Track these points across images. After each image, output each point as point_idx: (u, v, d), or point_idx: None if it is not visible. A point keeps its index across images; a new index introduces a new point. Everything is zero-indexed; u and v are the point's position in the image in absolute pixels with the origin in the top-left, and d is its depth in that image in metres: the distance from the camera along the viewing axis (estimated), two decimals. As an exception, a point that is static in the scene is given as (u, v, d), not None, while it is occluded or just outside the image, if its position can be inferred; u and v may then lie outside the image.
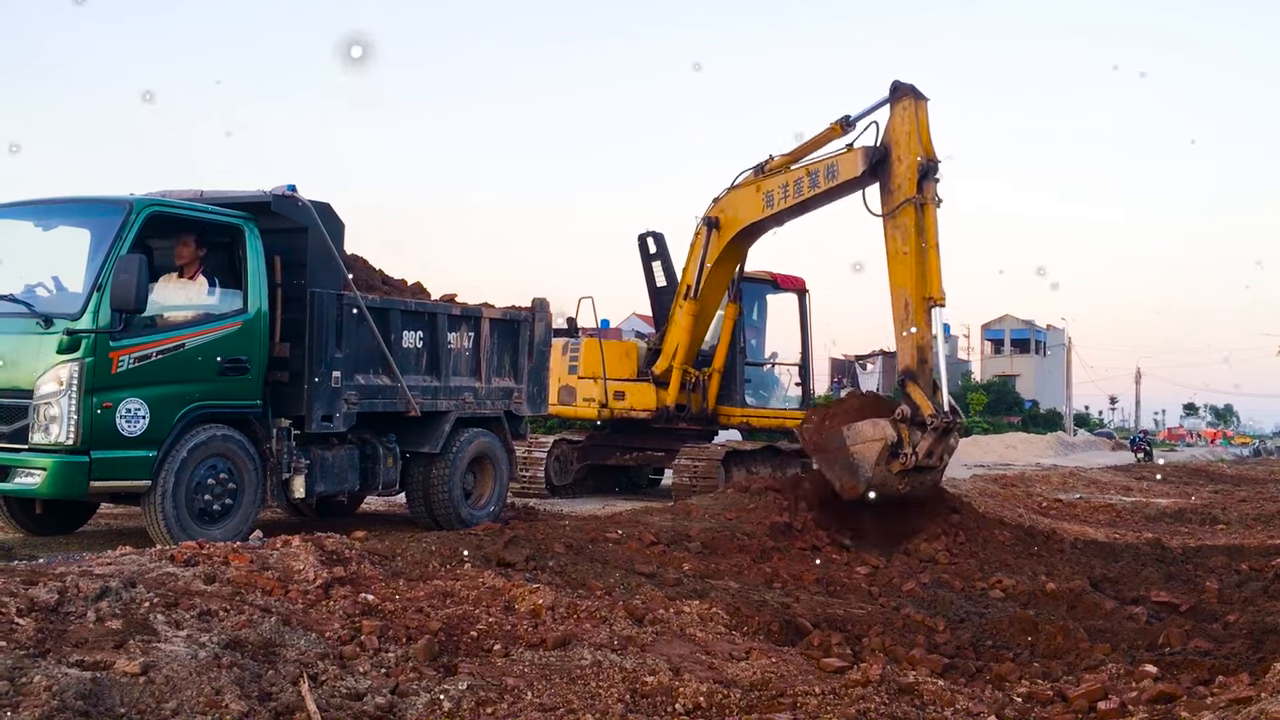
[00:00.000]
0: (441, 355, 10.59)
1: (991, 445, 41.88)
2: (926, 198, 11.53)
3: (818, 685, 5.04)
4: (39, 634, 4.50)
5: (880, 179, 12.04)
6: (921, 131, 11.65)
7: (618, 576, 7.50)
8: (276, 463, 9.07)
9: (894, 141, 11.86)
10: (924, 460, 11.11)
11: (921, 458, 11.06)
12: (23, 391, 7.94)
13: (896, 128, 11.84)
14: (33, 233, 9.02)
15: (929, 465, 11.27)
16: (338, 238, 9.59)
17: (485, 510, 11.08)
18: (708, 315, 15.58)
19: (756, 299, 16.72)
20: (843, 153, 12.48)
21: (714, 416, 15.98)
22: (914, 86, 11.81)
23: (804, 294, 16.72)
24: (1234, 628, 7.20)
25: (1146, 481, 24.68)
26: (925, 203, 11.52)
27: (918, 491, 11.47)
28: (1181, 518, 16.64)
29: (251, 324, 8.93)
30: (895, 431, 10.99)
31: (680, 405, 15.62)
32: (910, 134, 11.69)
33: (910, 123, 11.72)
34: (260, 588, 5.73)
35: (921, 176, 11.52)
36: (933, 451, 11.22)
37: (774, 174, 13.48)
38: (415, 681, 4.75)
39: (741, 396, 16.03)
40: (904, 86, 11.84)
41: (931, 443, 11.12)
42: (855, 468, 11.17)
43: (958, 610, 7.85)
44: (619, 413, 15.72)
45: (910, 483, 11.25)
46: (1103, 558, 10.72)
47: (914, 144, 11.64)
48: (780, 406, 16.68)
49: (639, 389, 15.72)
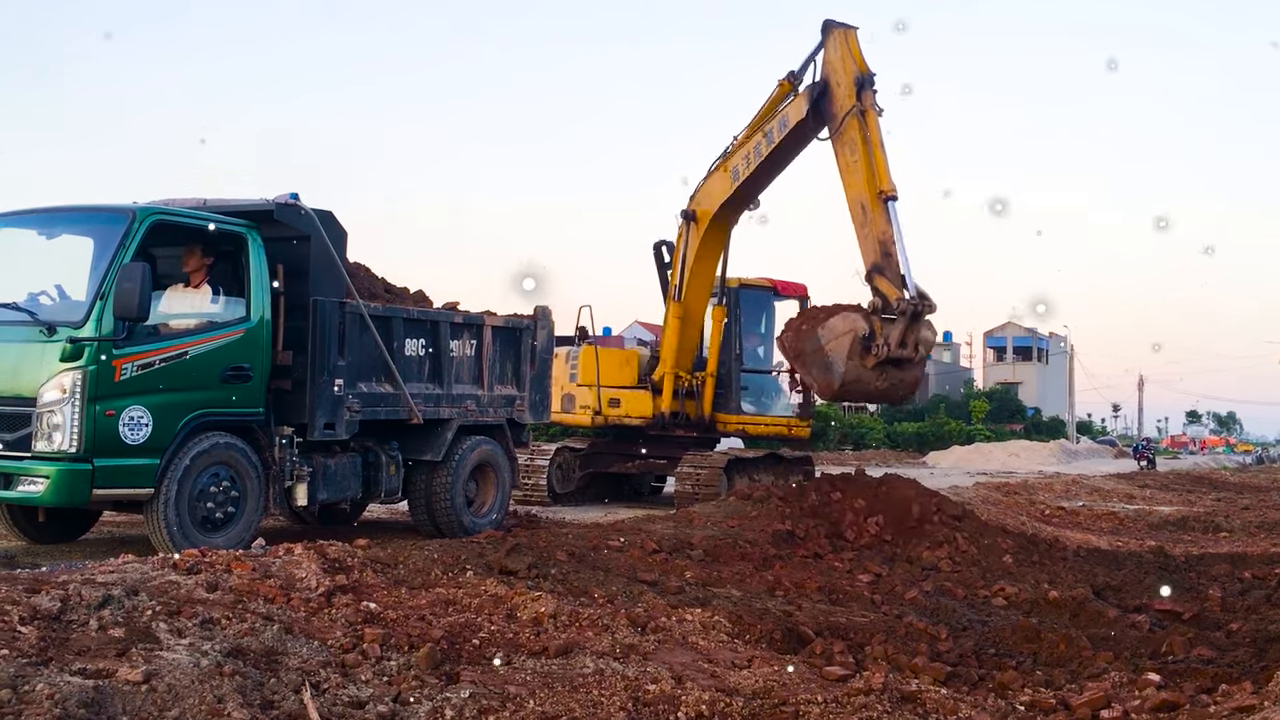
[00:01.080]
0: (444, 363, 10.60)
1: (994, 453, 41.89)
2: (866, 105, 11.95)
3: (820, 694, 5.04)
4: (42, 642, 4.50)
5: (825, 111, 12.46)
6: (854, 53, 12.23)
7: (620, 584, 7.49)
8: (279, 470, 9.07)
9: (831, 71, 12.44)
10: (897, 350, 10.98)
11: (894, 347, 10.94)
12: (26, 399, 7.95)
13: (831, 59, 12.44)
14: (36, 241, 9.04)
15: (904, 357, 11.12)
16: (340, 246, 9.60)
17: (487, 518, 11.07)
18: (694, 318, 15.62)
19: (758, 306, 16.71)
20: (790, 101, 12.98)
21: (711, 424, 15.95)
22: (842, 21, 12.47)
23: (806, 301, 16.60)
24: (1237, 636, 7.20)
25: (1149, 489, 24.66)
26: (866, 110, 11.91)
27: (897, 392, 11.30)
28: (1184, 525, 16.63)
29: (254, 332, 8.94)
30: (867, 324, 10.94)
31: (677, 413, 15.64)
32: (844, 58, 12.25)
33: (842, 48, 12.30)
34: (262, 596, 5.73)
35: (859, 89, 12.00)
36: (905, 340, 11.08)
37: (737, 149, 13.92)
38: (417, 690, 4.75)
39: (737, 403, 15.97)
40: (832, 22, 12.46)
41: (903, 329, 10.99)
42: (829, 365, 11.09)
43: (960, 618, 7.84)
44: (613, 419, 15.75)
45: (887, 379, 11.11)
46: (1105, 566, 10.71)
47: (849, 65, 12.18)
48: (779, 414, 16.59)
49: (634, 396, 15.75)
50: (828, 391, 11.23)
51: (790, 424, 16.48)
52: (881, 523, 11.16)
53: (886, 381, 11.19)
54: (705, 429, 16.00)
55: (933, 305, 11.27)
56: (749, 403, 16.26)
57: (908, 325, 11.10)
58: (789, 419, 16.47)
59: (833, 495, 11.61)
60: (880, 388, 11.21)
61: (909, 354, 11.26)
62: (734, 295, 15.95)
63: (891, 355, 11.05)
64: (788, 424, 16.44)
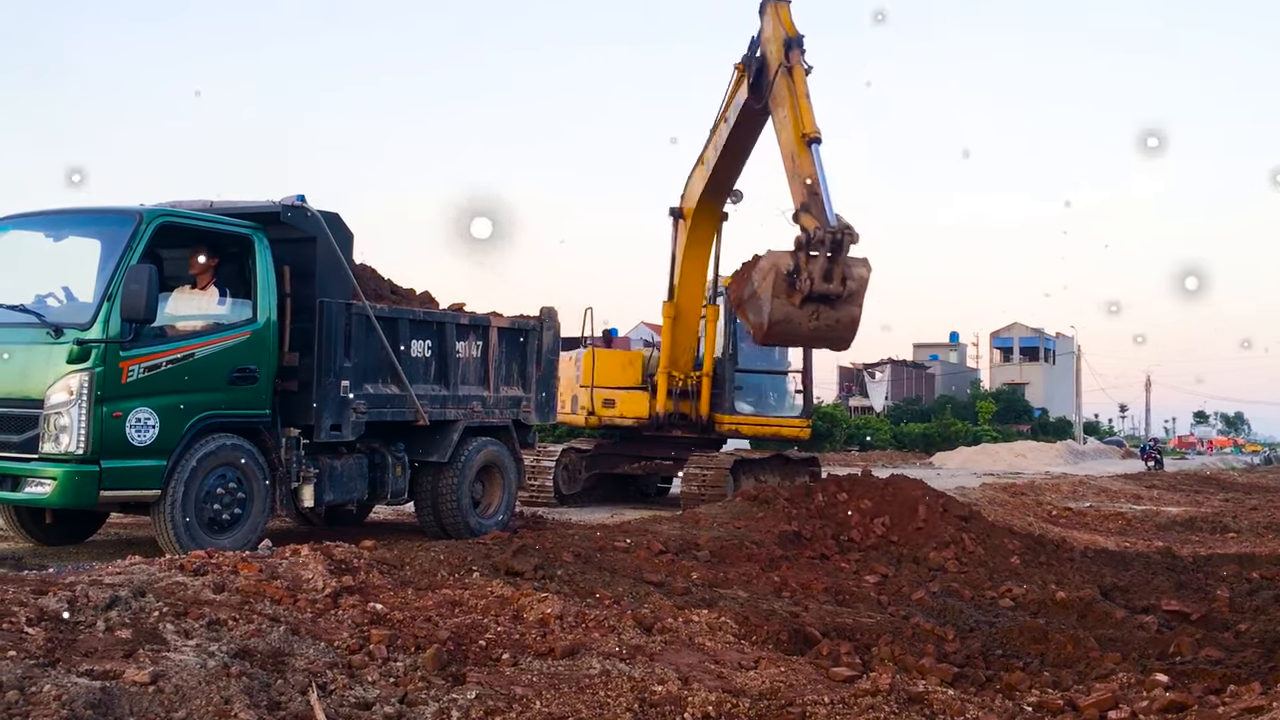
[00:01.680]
0: (450, 364, 10.61)
1: (1001, 453, 41.85)
2: (793, 62, 12.04)
3: (827, 694, 5.03)
4: (49, 643, 4.51)
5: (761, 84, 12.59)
6: (784, 22, 12.34)
7: (626, 585, 7.49)
8: (285, 472, 9.08)
9: (765, 44, 12.62)
10: (821, 284, 10.71)
11: (819, 281, 10.67)
12: (33, 401, 7.97)
13: (765, 32, 12.63)
14: (43, 243, 9.07)
15: (830, 292, 10.82)
16: (346, 247, 9.62)
17: (493, 519, 11.08)
18: (687, 317, 15.63)
19: None
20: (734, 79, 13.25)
21: (709, 424, 15.88)
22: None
23: None
24: (1245, 636, 7.17)
25: (1157, 490, 24.61)
26: (793, 66, 12.00)
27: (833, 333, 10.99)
28: (1192, 526, 16.59)
29: (261, 333, 8.96)
30: (792, 260, 10.72)
31: (674, 412, 15.64)
32: (775, 28, 12.39)
33: (774, 21, 12.45)
34: (269, 597, 5.73)
35: (787, 50, 12.13)
36: (830, 273, 10.77)
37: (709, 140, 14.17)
38: (424, 691, 4.75)
39: (732, 404, 15.91)
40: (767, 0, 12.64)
41: (826, 262, 10.72)
42: (760, 306, 10.85)
43: (967, 619, 7.83)
44: (606, 420, 15.80)
45: (820, 318, 10.83)
46: (1113, 566, 10.69)
47: (779, 33, 12.32)
48: (777, 415, 16.45)
49: (631, 396, 15.76)
50: (759, 334, 10.97)
51: (789, 424, 16.36)
52: (888, 524, 11.14)
53: (819, 321, 10.85)
54: (702, 429, 15.95)
55: (855, 236, 10.92)
56: (746, 403, 16.17)
57: (832, 257, 10.79)
58: (787, 419, 16.35)
59: (839, 496, 11.61)
60: (812, 327, 10.87)
61: (834, 288, 10.85)
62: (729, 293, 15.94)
63: (816, 290, 10.71)
64: (787, 424, 16.32)
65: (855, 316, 11.27)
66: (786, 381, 16.82)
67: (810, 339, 11.21)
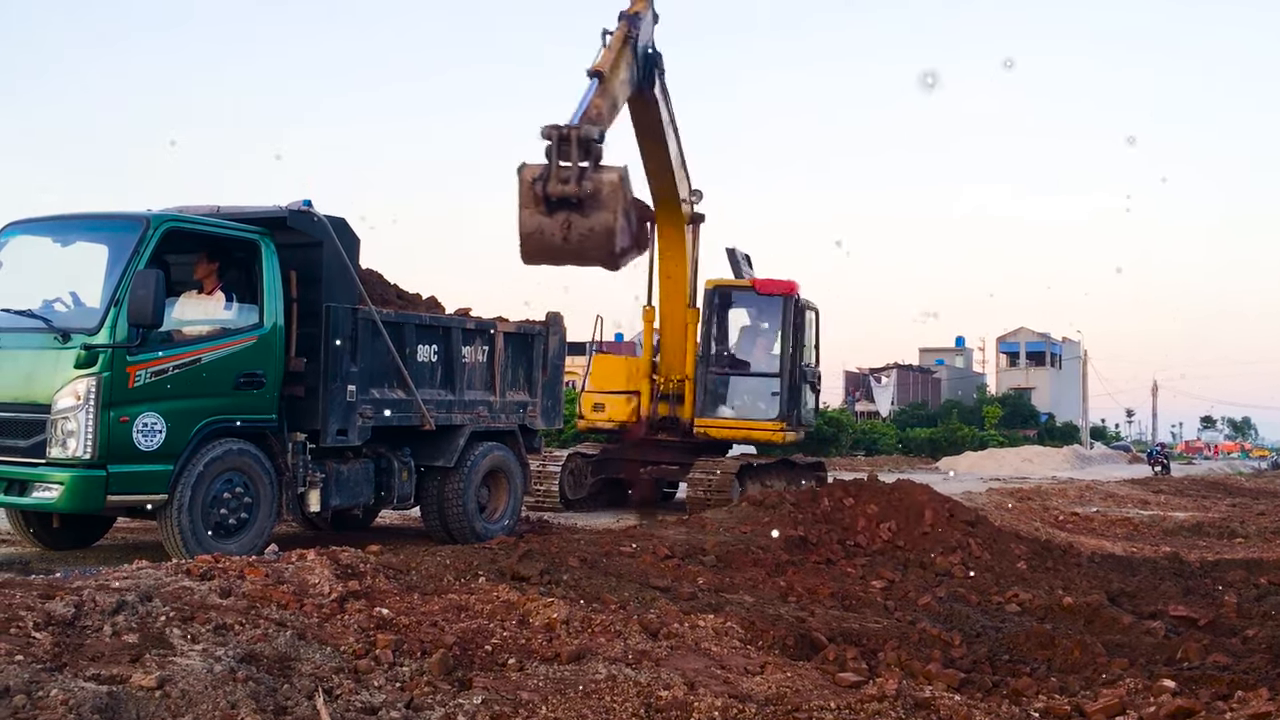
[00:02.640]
0: (456, 369, 10.62)
1: (1007, 458, 41.71)
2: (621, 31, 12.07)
3: (833, 700, 5.02)
4: (56, 648, 4.52)
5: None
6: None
7: (632, 590, 7.49)
8: (292, 476, 9.09)
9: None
10: (558, 186, 10.12)
11: (554, 182, 10.11)
12: (40, 406, 7.99)
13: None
14: (51, 248, 9.09)
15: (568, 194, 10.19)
16: (353, 252, 9.64)
17: (499, 524, 11.08)
18: (668, 321, 15.61)
19: (742, 307, 16.55)
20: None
21: (689, 428, 15.71)
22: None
23: (790, 299, 15.92)
24: (1253, 642, 7.15)
25: (1164, 495, 24.54)
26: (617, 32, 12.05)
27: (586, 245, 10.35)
28: (1199, 531, 16.54)
29: (267, 338, 8.97)
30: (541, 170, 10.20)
31: (661, 417, 15.67)
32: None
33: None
34: (275, 601, 5.74)
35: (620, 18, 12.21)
36: (567, 176, 10.17)
37: None
38: (430, 695, 4.75)
39: (713, 408, 15.78)
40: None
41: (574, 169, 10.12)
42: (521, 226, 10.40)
43: (974, 624, 7.81)
44: (594, 424, 15.93)
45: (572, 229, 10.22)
46: (1120, 572, 10.66)
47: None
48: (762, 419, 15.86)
49: (619, 401, 15.79)
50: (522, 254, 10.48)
51: (761, 427, 15.90)
52: (894, 528, 11.13)
53: (571, 231, 10.24)
54: (685, 434, 15.84)
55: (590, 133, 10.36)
56: (729, 407, 15.94)
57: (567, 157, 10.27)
58: (760, 423, 15.84)
59: (845, 501, 11.59)
60: (566, 238, 10.26)
61: (571, 189, 10.17)
62: (708, 297, 15.88)
63: (552, 191, 10.15)
64: (759, 427, 15.92)
65: (609, 224, 10.43)
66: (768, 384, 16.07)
67: (570, 254, 10.47)
